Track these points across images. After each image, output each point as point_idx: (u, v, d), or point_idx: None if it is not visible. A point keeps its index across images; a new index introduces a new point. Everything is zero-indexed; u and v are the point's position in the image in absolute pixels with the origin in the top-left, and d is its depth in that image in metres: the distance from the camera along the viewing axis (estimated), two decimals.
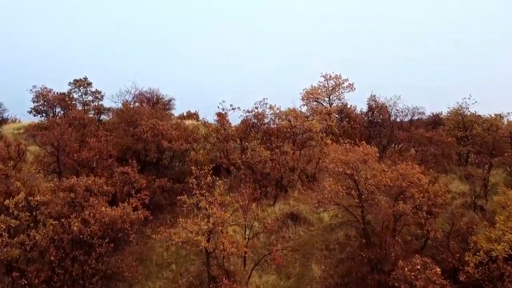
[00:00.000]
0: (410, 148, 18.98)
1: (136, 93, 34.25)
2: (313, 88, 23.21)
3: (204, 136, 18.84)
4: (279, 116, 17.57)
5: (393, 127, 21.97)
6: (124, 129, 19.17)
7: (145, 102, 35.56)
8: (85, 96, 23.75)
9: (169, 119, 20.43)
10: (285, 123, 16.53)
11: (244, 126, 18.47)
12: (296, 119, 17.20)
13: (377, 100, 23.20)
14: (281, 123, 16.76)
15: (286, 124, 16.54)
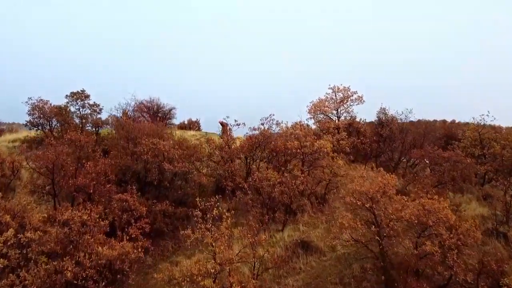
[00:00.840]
0: (425, 168, 18.01)
1: (135, 103, 33.43)
2: (321, 100, 22.29)
3: (207, 154, 17.86)
4: (287, 135, 16.60)
5: (404, 142, 21.05)
6: (123, 146, 18.19)
7: (145, 112, 34.70)
8: (82, 109, 22.75)
9: (170, 137, 19.41)
10: (295, 143, 15.56)
11: (249, 144, 17.49)
12: (305, 137, 16.23)
13: (387, 113, 22.32)
14: (290, 143, 15.79)
15: (296, 145, 15.58)
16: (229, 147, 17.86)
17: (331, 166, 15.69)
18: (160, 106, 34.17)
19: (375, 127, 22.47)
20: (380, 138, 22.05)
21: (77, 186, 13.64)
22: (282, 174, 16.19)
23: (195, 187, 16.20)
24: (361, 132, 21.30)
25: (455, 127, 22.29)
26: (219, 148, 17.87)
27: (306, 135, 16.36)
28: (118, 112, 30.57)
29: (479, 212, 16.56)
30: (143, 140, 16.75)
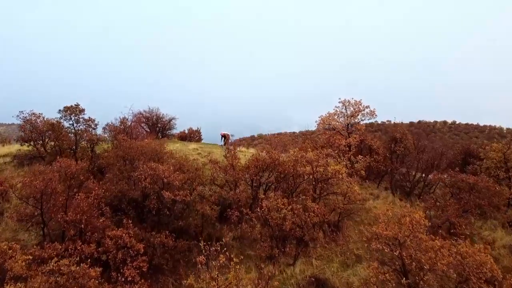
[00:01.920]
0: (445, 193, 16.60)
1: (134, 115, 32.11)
2: (330, 115, 20.95)
3: (211, 178, 16.50)
4: (297, 158, 15.24)
5: (420, 160, 19.69)
6: (120, 169, 16.84)
7: (144, 123, 33.37)
8: (76, 125, 21.38)
9: (170, 156, 18.04)
10: (307, 169, 14.20)
11: (256, 166, 16.13)
12: (317, 161, 14.89)
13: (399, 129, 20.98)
14: (302, 169, 14.44)
15: (308, 170, 14.22)
16: (233, 168, 16.50)
17: (346, 193, 14.34)
18: (159, 116, 32.90)
19: (388, 143, 21.14)
20: (393, 155, 20.74)
21: (67, 222, 12.26)
22: (292, 200, 14.86)
23: (198, 217, 14.84)
24: (374, 150, 19.94)
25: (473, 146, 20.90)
26: (223, 170, 16.51)
27: (318, 158, 15.01)
28: (116, 122, 29.46)
29: (506, 242, 15.26)
30: (140, 164, 15.41)
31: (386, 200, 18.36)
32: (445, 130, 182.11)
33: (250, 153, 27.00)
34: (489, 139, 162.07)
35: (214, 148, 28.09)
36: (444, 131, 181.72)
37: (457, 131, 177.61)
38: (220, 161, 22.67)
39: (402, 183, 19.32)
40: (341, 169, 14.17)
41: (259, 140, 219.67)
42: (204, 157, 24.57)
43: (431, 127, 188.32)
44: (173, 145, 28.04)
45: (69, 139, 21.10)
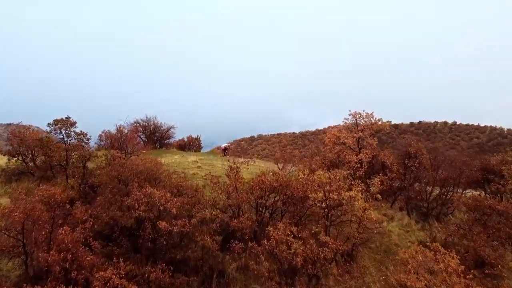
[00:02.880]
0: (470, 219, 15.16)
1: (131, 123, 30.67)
2: (339, 129, 19.54)
3: (211, 201, 15.06)
4: (308, 181, 13.83)
5: (436, 178, 18.27)
6: (112, 191, 15.41)
7: (141, 132, 31.92)
8: (67, 139, 19.92)
9: (168, 176, 16.60)
10: (319, 195, 12.79)
11: (261, 189, 14.70)
12: (330, 185, 13.48)
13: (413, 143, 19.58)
14: (314, 194, 13.02)
15: (320, 197, 12.81)
16: (237, 190, 15.07)
17: (362, 220, 12.93)
18: (157, 125, 31.44)
19: (401, 158, 19.73)
20: (406, 171, 19.35)
21: (49, 261, 10.82)
22: (302, 228, 13.46)
23: (198, 248, 13.40)
24: (387, 166, 18.53)
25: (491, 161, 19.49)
26: (225, 192, 15.09)
27: (331, 181, 13.60)
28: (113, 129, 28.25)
29: None
30: (134, 188, 13.98)
31: (401, 222, 16.97)
32: (446, 131, 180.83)
33: (252, 165, 25.57)
34: (489, 140, 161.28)
35: (214, 160, 26.66)
36: (444, 132, 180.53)
37: (458, 132, 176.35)
38: (222, 177, 21.30)
39: (418, 203, 17.91)
40: (356, 195, 12.76)
41: (259, 141, 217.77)
42: (204, 171, 23.15)
43: (431, 127, 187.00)
44: (171, 157, 26.62)
45: (59, 154, 19.66)
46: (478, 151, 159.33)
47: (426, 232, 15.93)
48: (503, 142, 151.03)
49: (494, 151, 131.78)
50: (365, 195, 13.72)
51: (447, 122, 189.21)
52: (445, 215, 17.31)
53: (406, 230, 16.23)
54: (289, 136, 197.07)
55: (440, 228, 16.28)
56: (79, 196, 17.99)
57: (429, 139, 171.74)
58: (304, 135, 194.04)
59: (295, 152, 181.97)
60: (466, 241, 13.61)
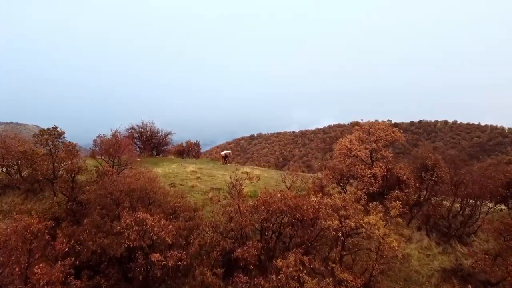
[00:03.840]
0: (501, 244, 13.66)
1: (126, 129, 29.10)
2: (350, 140, 18.00)
3: (212, 224, 13.50)
4: (320, 204, 12.29)
5: (457, 193, 16.76)
6: (101, 213, 13.86)
7: (137, 138, 30.33)
8: (55, 151, 18.30)
9: (163, 194, 15.01)
10: (335, 223, 11.24)
11: (267, 211, 13.15)
12: (345, 209, 11.94)
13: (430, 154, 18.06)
14: (328, 222, 11.48)
15: (336, 225, 11.27)
16: (240, 212, 13.52)
17: (383, 250, 11.41)
18: (154, 131, 29.82)
19: (417, 170, 18.22)
20: (422, 185, 17.84)
21: None
22: (313, 258, 11.94)
23: (196, 283, 11.84)
24: (403, 181, 17.01)
25: None
26: (227, 215, 13.55)
27: (346, 204, 12.06)
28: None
29: None
30: (125, 212, 12.39)
31: (420, 244, 15.45)
32: (446, 130, 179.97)
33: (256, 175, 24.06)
34: (490, 139, 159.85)
35: (214, 170, 25.12)
36: (445, 131, 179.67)
37: (458, 131, 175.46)
38: (223, 190, 19.76)
39: (438, 221, 16.40)
40: (377, 221, 11.22)
41: (259, 140, 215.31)
42: (204, 182, 21.62)
43: (432, 126, 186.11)
44: (168, 166, 25.07)
45: (45, 167, 18.07)
46: (479, 151, 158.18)
47: (450, 257, 14.42)
48: (504, 142, 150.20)
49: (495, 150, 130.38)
50: (384, 218, 12.16)
51: (447, 121, 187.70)
52: (468, 236, 15.79)
53: (426, 254, 14.72)
54: (289, 135, 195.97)
55: (465, 251, 14.76)
56: (67, 215, 16.49)
57: (430, 138, 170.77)
58: (304, 134, 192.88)
59: (295, 151, 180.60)
60: (498, 268, 12.12)
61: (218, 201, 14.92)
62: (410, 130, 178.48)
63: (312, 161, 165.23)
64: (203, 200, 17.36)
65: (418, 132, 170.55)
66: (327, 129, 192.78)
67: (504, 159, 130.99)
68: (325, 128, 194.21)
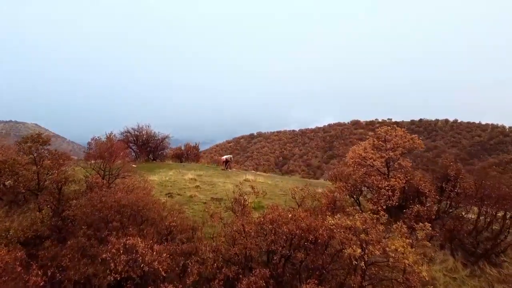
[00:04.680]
0: None
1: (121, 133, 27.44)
2: (365, 147, 16.41)
3: (213, 249, 11.89)
4: (337, 226, 10.69)
5: (481, 208, 15.18)
6: (87, 233, 12.24)
7: (132, 143, 28.69)
8: (39, 160, 16.64)
9: (159, 208, 13.39)
10: (357, 251, 9.65)
11: (275, 232, 11.56)
12: (366, 232, 10.36)
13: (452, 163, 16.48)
14: (348, 249, 9.89)
15: (358, 253, 9.68)
16: (245, 233, 11.92)
17: (411, 283, 9.83)
18: (150, 135, 28.14)
19: (436, 180, 16.66)
20: (442, 196, 16.28)
21: None
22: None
23: None
24: (423, 193, 15.44)
25: None
26: (230, 238, 11.94)
27: (367, 227, 10.47)
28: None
29: None
30: (113, 237, 10.77)
31: (445, 266, 13.86)
32: (447, 129, 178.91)
33: (260, 182, 22.51)
34: (491, 138, 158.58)
35: (215, 177, 23.52)
36: (446, 130, 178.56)
37: (459, 130, 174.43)
38: (224, 200, 18.26)
39: (462, 237, 14.84)
40: (405, 249, 9.63)
41: (259, 139, 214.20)
42: (204, 192, 20.03)
43: (432, 125, 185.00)
44: (165, 173, 23.46)
45: (29, 178, 16.41)
46: (479, 150, 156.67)
47: (480, 282, 12.85)
48: (505, 141, 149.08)
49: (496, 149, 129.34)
50: (410, 243, 10.58)
51: (448, 120, 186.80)
52: (496, 255, 14.23)
53: (453, 277, 13.15)
54: (289, 134, 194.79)
55: (496, 274, 13.21)
56: (51, 231, 14.88)
57: (430, 137, 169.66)
58: (304, 132, 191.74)
59: (295, 150, 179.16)
60: None
61: (219, 218, 13.32)
62: (411, 129, 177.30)
63: (312, 160, 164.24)
64: (203, 213, 15.78)
65: (419, 131, 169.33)
66: (327, 127, 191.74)
67: (506, 158, 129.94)
68: (325, 127, 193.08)
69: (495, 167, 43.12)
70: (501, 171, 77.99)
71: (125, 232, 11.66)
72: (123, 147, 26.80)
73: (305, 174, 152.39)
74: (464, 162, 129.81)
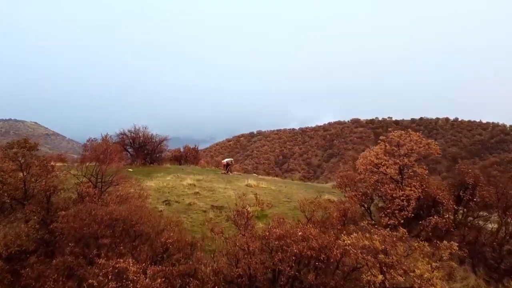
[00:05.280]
0: None
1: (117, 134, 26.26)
2: (377, 153, 15.25)
3: (214, 270, 10.72)
4: (353, 245, 9.55)
5: (502, 220, 14.07)
6: (74, 252, 11.07)
7: (129, 145, 27.49)
8: (26, 167, 15.44)
9: (155, 222, 12.21)
10: (379, 278, 8.51)
11: (282, 250, 10.42)
12: (386, 252, 9.22)
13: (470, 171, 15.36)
14: (368, 276, 8.75)
15: (380, 279, 8.53)
16: (249, 252, 10.76)
17: None
18: (147, 137, 26.90)
19: (453, 188, 15.54)
20: (459, 205, 15.17)
21: None
22: None
23: None
24: (440, 202, 14.31)
25: None
26: (233, 257, 10.79)
27: (386, 246, 9.34)
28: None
29: None
30: (101, 259, 9.62)
31: (466, 284, 12.72)
32: (448, 127, 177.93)
33: (262, 188, 21.39)
34: (492, 137, 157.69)
35: (215, 182, 22.36)
36: (446, 128, 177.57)
37: (460, 129, 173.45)
38: (225, 208, 17.17)
39: (484, 252, 13.74)
40: (431, 276, 8.49)
41: (259, 137, 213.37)
42: (203, 199, 18.87)
43: (433, 124, 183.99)
44: (163, 178, 22.28)
45: (14, 186, 15.22)
46: (480, 148, 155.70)
47: None
48: (505, 139, 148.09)
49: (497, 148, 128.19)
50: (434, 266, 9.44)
51: (448, 119, 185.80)
52: None
53: None
54: (289, 132, 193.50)
55: None
56: (38, 245, 13.73)
57: (431, 136, 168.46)
58: (304, 131, 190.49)
59: (295, 148, 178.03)
60: None
61: (220, 232, 12.17)
62: (411, 128, 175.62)
63: (312, 159, 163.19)
64: (202, 226, 14.63)
65: (419, 130, 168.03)
66: (327, 126, 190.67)
67: (507, 157, 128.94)
68: (325, 125, 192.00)
69: (496, 166, 42.40)
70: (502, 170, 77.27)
71: (116, 250, 10.52)
72: (118, 150, 25.63)
73: (305, 172, 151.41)
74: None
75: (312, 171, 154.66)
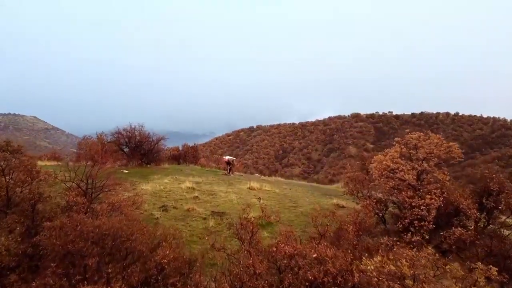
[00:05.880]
0: None
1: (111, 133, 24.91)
2: (392, 156, 13.94)
3: None
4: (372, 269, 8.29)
5: None
6: (56, 273, 9.79)
7: (124, 145, 26.11)
8: (8, 171, 14.09)
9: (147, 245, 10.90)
10: None
11: (292, 271, 9.17)
12: (414, 278, 7.98)
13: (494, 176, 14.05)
14: None
15: None
16: (255, 273, 9.51)
17: None
18: (144, 136, 25.49)
19: (475, 194, 14.26)
20: (482, 213, 13.93)
21: None
22: None
23: None
24: (463, 210, 13.06)
25: None
26: (236, 279, 9.54)
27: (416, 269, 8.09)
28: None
29: None
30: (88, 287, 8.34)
31: None
32: (448, 122, 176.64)
33: (266, 191, 20.14)
34: (493, 131, 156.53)
35: (216, 184, 21.06)
36: (447, 123, 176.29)
37: (461, 123, 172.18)
38: (226, 214, 15.98)
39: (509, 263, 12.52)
40: None
41: (258, 132, 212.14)
42: (203, 204, 17.60)
43: (433, 118, 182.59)
44: (160, 180, 20.95)
45: None
46: (481, 143, 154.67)
47: None
48: (507, 134, 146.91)
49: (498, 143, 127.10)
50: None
51: (449, 113, 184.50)
52: None
53: None
54: (289, 127, 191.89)
55: None
56: (20, 261, 12.45)
57: (431, 131, 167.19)
58: (304, 125, 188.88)
59: (295, 143, 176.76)
60: None
61: (222, 248, 10.91)
62: (412, 122, 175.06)
63: (312, 153, 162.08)
64: (202, 230, 13.39)
65: (420, 124, 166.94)
66: (327, 120, 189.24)
67: (508, 152, 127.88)
68: (326, 120, 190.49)
69: (497, 161, 41.23)
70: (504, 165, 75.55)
71: (103, 273, 9.25)
72: (113, 149, 24.28)
73: (305, 167, 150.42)
74: (466, 156, 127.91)
75: (312, 166, 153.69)
